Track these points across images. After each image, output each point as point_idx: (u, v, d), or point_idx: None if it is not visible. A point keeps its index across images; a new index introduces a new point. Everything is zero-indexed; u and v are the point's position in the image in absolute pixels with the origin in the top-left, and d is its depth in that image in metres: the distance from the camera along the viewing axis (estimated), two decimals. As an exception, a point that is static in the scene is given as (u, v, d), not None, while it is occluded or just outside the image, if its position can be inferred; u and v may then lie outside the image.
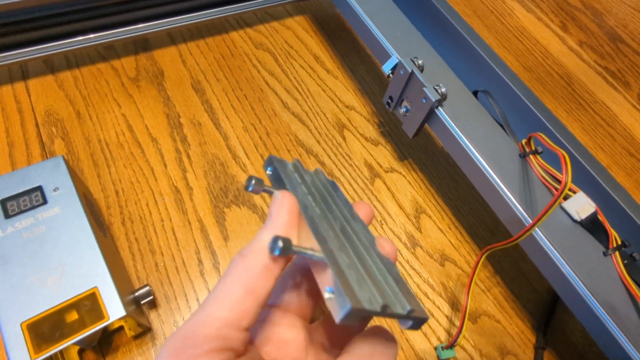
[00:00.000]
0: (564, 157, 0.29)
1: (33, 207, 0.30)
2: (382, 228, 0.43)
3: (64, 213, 0.30)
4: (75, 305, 0.27)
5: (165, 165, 0.42)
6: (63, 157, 0.32)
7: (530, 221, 0.33)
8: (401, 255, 0.42)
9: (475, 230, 0.45)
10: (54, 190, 0.31)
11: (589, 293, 0.31)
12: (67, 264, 0.28)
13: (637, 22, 0.71)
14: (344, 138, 0.48)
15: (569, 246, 0.33)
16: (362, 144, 0.48)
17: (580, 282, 0.32)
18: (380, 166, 0.47)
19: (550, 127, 0.40)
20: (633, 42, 0.68)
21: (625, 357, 0.30)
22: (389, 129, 0.50)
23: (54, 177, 0.31)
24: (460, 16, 0.47)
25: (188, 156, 0.43)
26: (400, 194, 0.46)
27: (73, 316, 0.27)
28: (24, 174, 0.31)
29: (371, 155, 0.48)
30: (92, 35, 0.45)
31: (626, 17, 0.71)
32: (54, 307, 0.27)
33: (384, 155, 0.48)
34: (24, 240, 0.28)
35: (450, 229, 0.44)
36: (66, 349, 0.28)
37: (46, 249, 0.28)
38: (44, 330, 0.26)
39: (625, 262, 0.34)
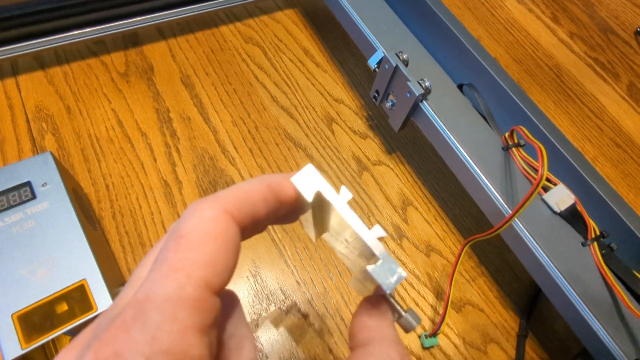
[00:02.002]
0: (541, 150, 0.30)
1: (22, 202, 0.30)
2: (369, 220, 0.44)
3: (53, 208, 0.31)
4: (64, 296, 0.28)
5: (154, 160, 0.43)
6: (51, 152, 0.33)
7: (511, 212, 0.34)
8: (388, 246, 0.43)
9: (461, 222, 0.45)
10: (43, 185, 0.31)
11: (566, 283, 0.32)
12: (56, 257, 0.29)
13: (629, 13, 0.71)
14: (332, 131, 0.49)
15: (548, 237, 0.34)
16: (351, 138, 0.49)
17: (558, 272, 0.33)
18: (368, 159, 0.48)
19: (534, 120, 0.41)
20: (624, 34, 0.68)
21: (601, 345, 0.31)
22: (377, 122, 0.50)
23: (42, 172, 0.32)
24: (447, 9, 0.47)
25: (177, 150, 0.44)
26: (388, 186, 0.46)
27: (63, 307, 0.28)
28: (12, 170, 0.31)
29: (359, 148, 0.48)
30: (81, 31, 0.45)
31: (617, 7, 0.71)
32: (43, 299, 0.28)
33: (372, 148, 0.48)
34: (13, 234, 0.29)
35: (436, 220, 0.45)
36: (58, 339, 0.29)
37: (35, 243, 0.29)
38: (35, 320, 0.27)
39: (604, 252, 0.35)
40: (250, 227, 0.15)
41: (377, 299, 0.17)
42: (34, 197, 0.31)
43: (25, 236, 0.29)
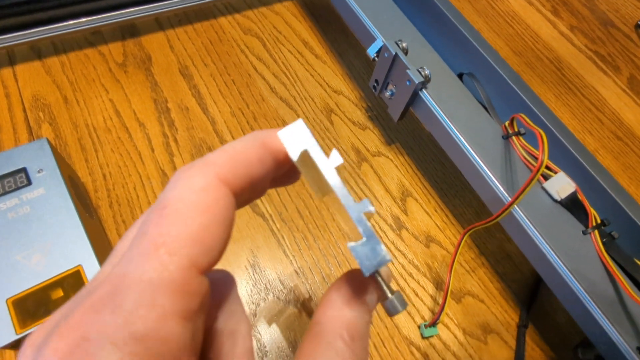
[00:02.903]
0: (541, 136, 0.30)
1: (18, 188, 0.30)
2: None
3: (48, 194, 0.30)
4: (60, 282, 0.28)
5: (152, 150, 0.43)
6: (47, 139, 0.32)
7: (510, 199, 0.33)
8: (387, 237, 0.42)
9: (461, 213, 0.45)
10: (38, 171, 0.31)
11: (567, 271, 0.32)
12: (52, 243, 0.29)
13: (629, 6, 0.70)
14: (331, 123, 0.48)
15: (549, 225, 0.34)
16: (350, 129, 0.48)
17: (559, 260, 0.32)
18: (368, 150, 0.47)
19: (534, 109, 0.40)
20: (624, 27, 0.68)
21: (602, 334, 0.31)
22: (377, 113, 0.50)
23: (38, 159, 0.31)
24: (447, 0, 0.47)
25: (175, 140, 0.44)
26: (387, 177, 0.46)
27: (58, 293, 0.28)
28: (8, 155, 0.31)
29: (358, 139, 0.48)
30: (78, 20, 0.45)
31: (618, 1, 0.71)
32: (38, 285, 0.27)
33: (372, 139, 0.48)
34: (8, 220, 0.29)
35: (436, 211, 0.45)
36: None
37: (31, 229, 0.29)
38: (29, 306, 0.27)
39: (604, 240, 0.34)
40: (247, 193, 0.13)
41: (363, 278, 0.15)
42: (29, 183, 0.30)
43: (21, 222, 0.29)
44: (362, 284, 0.14)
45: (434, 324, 0.37)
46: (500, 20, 0.64)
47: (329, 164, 0.13)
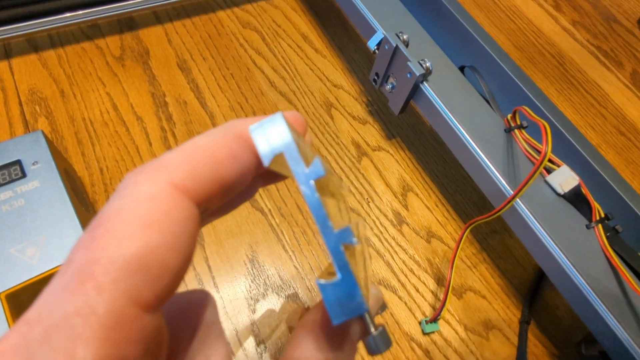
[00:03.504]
0: (545, 127, 0.29)
1: (12, 181, 0.29)
2: (369, 206, 0.43)
3: (43, 187, 0.30)
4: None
5: (150, 144, 0.42)
6: (42, 131, 0.32)
7: (513, 193, 0.33)
8: (387, 232, 0.42)
9: (462, 208, 0.45)
10: (33, 164, 0.30)
11: (571, 265, 0.32)
12: (47, 236, 0.28)
13: (632, 1, 0.70)
14: (331, 117, 0.48)
15: (552, 219, 0.33)
16: (350, 123, 0.48)
17: (562, 254, 0.32)
18: (368, 145, 0.47)
19: (537, 102, 0.40)
20: (627, 22, 0.67)
21: (606, 329, 0.31)
22: (377, 108, 0.50)
23: (33, 151, 0.31)
24: (448, -8, 0.46)
25: (173, 135, 0.43)
26: (388, 172, 0.45)
27: (53, 288, 0.27)
28: (2, 147, 0.30)
29: (359, 134, 0.47)
30: (76, 13, 0.44)
31: (621, -4, 0.70)
32: (33, 278, 0.27)
33: (372, 134, 0.48)
34: (2, 213, 0.28)
35: (437, 206, 0.44)
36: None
37: (25, 222, 0.28)
38: (23, 300, 0.26)
39: (608, 234, 0.34)
40: (217, 198, 0.11)
41: None
42: (24, 175, 0.30)
43: (15, 215, 0.28)
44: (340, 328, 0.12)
45: (435, 320, 0.37)
46: (501, 14, 0.64)
47: (306, 176, 0.10)
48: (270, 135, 0.11)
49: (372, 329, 0.12)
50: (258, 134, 0.11)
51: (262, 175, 0.13)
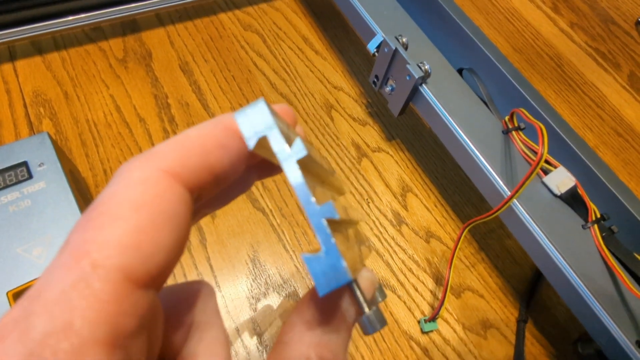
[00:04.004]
0: (541, 129, 0.30)
1: (19, 182, 0.30)
2: (369, 206, 0.43)
3: (49, 187, 0.30)
4: (60, 275, 0.28)
5: (152, 145, 0.43)
6: (48, 133, 0.32)
7: (510, 193, 0.33)
8: (387, 232, 0.42)
9: (460, 208, 0.45)
10: (39, 165, 0.31)
11: (567, 265, 0.32)
12: (53, 236, 0.29)
13: (629, 3, 0.70)
14: (331, 118, 0.48)
15: (549, 219, 0.34)
16: (350, 124, 0.48)
17: (558, 254, 0.32)
18: (368, 146, 0.47)
19: (534, 104, 0.40)
20: (624, 24, 0.68)
21: (602, 328, 0.31)
22: (377, 109, 0.50)
23: (39, 152, 0.31)
24: (447, -5, 0.47)
25: (176, 136, 0.44)
26: (387, 173, 0.46)
27: (59, 287, 0.28)
28: (9, 149, 0.31)
29: (359, 135, 0.48)
30: (79, 16, 0.45)
31: (618, -2, 0.71)
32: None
33: (372, 135, 0.48)
34: (9, 213, 0.29)
35: (436, 207, 0.45)
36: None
37: (32, 222, 0.29)
38: (30, 299, 0.27)
39: (604, 234, 0.34)
40: (210, 186, 0.11)
41: (331, 294, 0.12)
42: (30, 176, 0.30)
43: (22, 215, 0.29)
44: (331, 302, 0.12)
45: (433, 318, 0.37)
46: (500, 17, 0.64)
47: (289, 156, 0.11)
48: (253, 119, 0.11)
49: (366, 309, 0.12)
50: (242, 119, 0.11)
51: (255, 167, 0.13)
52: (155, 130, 0.44)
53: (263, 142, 0.11)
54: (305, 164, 0.11)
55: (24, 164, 0.31)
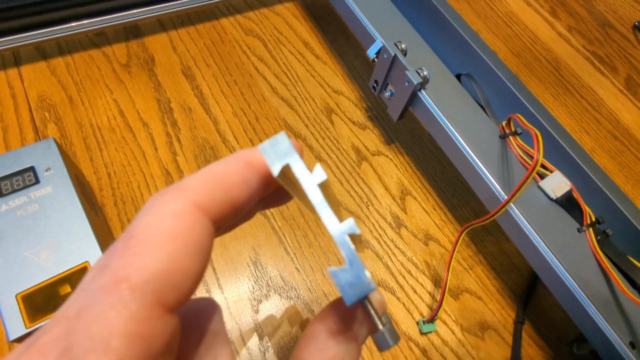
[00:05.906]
0: (536, 135, 0.30)
1: (26, 187, 0.31)
2: (368, 209, 0.44)
3: (56, 192, 0.31)
4: (67, 278, 0.29)
5: (156, 149, 0.43)
6: (54, 138, 0.33)
7: (507, 198, 0.34)
8: (386, 235, 0.43)
9: (459, 211, 0.46)
10: (46, 170, 0.32)
11: (562, 268, 0.33)
12: (60, 240, 0.29)
13: (627, 7, 0.71)
14: (332, 122, 0.49)
15: (545, 223, 0.34)
16: (350, 128, 0.49)
17: (554, 257, 0.33)
18: (368, 149, 0.48)
19: (531, 109, 0.41)
20: (622, 28, 0.68)
21: (596, 329, 0.32)
22: (377, 113, 0.51)
23: (45, 157, 0.32)
24: (446, 1, 0.47)
25: (178, 140, 0.44)
26: (387, 176, 0.47)
27: (66, 289, 0.28)
28: (16, 155, 0.32)
29: (358, 139, 0.49)
30: (82, 22, 0.46)
31: (616, 2, 0.71)
32: (47, 280, 0.28)
33: (371, 139, 0.49)
34: (17, 217, 0.30)
35: (435, 210, 0.46)
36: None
37: (39, 226, 0.30)
38: (38, 301, 0.27)
39: (599, 238, 0.35)
40: (229, 218, 0.12)
41: (350, 308, 0.13)
42: (37, 181, 0.31)
43: (29, 219, 0.30)
44: (350, 315, 0.13)
45: (432, 320, 0.38)
46: (498, 21, 0.65)
47: (311, 180, 0.12)
48: (277, 150, 0.12)
49: (380, 325, 0.13)
50: (267, 151, 0.13)
51: (262, 199, 0.15)
52: (158, 134, 0.44)
53: (286, 169, 0.12)
54: (324, 187, 0.13)
55: (31, 169, 0.32)
